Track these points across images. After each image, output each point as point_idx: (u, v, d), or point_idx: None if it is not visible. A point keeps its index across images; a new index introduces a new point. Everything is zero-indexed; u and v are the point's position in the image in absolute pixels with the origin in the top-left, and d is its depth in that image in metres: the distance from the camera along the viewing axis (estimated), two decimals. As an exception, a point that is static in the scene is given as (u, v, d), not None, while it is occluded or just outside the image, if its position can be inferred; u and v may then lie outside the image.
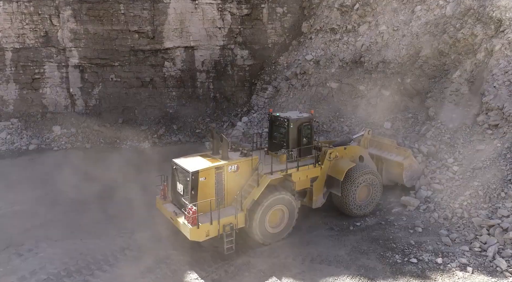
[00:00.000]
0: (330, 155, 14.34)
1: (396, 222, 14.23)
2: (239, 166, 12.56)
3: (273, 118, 14.63)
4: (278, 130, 14.42)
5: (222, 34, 26.48)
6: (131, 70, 25.70)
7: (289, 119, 13.74)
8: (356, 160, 15.00)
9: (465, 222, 13.23)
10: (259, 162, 12.88)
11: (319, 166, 14.08)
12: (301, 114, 14.69)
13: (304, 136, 14.06)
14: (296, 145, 13.94)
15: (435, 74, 19.53)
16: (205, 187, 11.85)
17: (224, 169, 12.20)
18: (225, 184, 12.31)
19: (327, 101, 23.64)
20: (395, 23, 22.20)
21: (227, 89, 27.30)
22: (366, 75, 22.62)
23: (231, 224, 11.89)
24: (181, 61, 26.29)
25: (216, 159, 12.51)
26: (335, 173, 14.14)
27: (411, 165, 15.52)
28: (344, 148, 14.86)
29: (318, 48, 25.26)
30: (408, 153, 15.45)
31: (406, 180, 15.55)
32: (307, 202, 14.40)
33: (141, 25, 24.97)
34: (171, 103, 26.58)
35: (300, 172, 13.58)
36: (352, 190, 14.15)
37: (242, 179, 12.64)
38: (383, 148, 16.21)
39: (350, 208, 14.36)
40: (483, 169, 14.52)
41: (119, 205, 15.87)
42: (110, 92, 25.76)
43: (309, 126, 14.20)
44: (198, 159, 12.71)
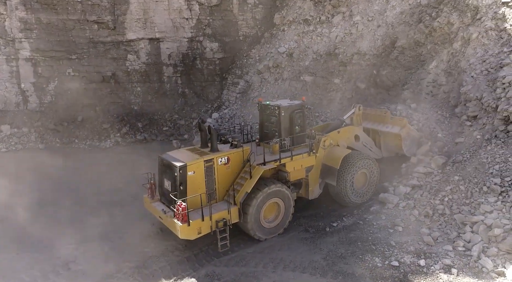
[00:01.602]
0: (325, 143, 13.82)
1: (375, 221, 13.22)
2: (230, 158, 12.08)
3: (263, 107, 14.14)
4: (269, 119, 13.89)
5: (190, 26, 24.90)
6: (91, 64, 23.68)
7: (280, 107, 13.26)
8: (352, 141, 14.69)
9: (447, 219, 12.37)
10: (250, 152, 12.32)
11: (313, 155, 13.53)
12: (292, 101, 14.15)
13: (296, 124, 13.60)
14: (288, 134, 13.48)
15: (411, 65, 18.81)
16: (195, 181, 11.35)
17: (214, 161, 11.72)
18: (216, 178, 11.86)
19: (301, 95, 22.53)
20: (369, 13, 21.38)
21: (196, 84, 25.74)
22: (341, 67, 21.72)
23: (224, 220, 11.35)
24: (145, 54, 24.50)
25: (205, 152, 12.01)
26: (331, 161, 13.74)
27: (409, 134, 14.97)
28: (338, 132, 14.39)
29: (291, 40, 24.16)
30: (404, 122, 14.87)
31: (406, 150, 15.08)
32: (303, 194, 13.89)
33: (101, 14, 23.01)
34: (135, 99, 24.75)
35: (294, 161, 13.03)
36: (350, 178, 13.79)
37: (234, 172, 12.24)
38: (377, 120, 15.64)
39: (349, 197, 13.99)
40: (464, 163, 13.75)
41: (70, 211, 14.14)
42: (68, 88, 23.63)
43: (301, 113, 13.73)
44: (185, 153, 12.25)
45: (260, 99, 14.65)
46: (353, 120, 15.36)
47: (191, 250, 11.76)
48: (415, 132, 15.24)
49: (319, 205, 14.70)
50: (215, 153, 12.01)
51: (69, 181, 17.15)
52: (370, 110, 16.25)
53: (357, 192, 14.23)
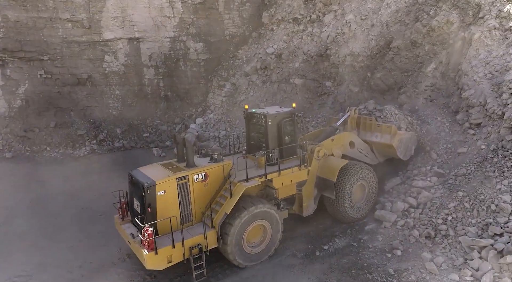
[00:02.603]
0: (318, 154, 12.55)
1: (370, 243, 11.85)
2: (208, 174, 10.85)
3: (249, 116, 12.90)
4: (256, 129, 12.69)
5: (172, 25, 23.34)
6: (64, 65, 21.98)
7: (267, 115, 11.98)
8: (347, 148, 13.61)
9: (451, 241, 11.02)
10: (232, 167, 11.03)
11: (305, 168, 12.20)
12: (281, 109, 12.83)
13: (286, 134, 12.34)
14: (277, 145, 12.25)
15: (408, 67, 17.48)
16: (165, 202, 10.10)
17: (189, 179, 10.47)
18: (191, 197, 10.64)
19: (291, 99, 21.15)
20: (363, 12, 20.03)
21: (180, 87, 24.19)
22: (333, 69, 20.37)
23: (199, 246, 10.10)
24: (124, 54, 22.88)
25: (179, 168, 10.79)
26: (326, 173, 12.48)
27: (401, 140, 13.84)
28: (332, 140, 13.20)
29: (280, 40, 22.74)
30: (393, 129, 13.74)
31: (402, 156, 14.08)
32: (296, 210, 12.56)
33: (74, 12, 21.34)
34: (114, 103, 23.11)
35: (283, 176, 11.70)
36: (348, 191, 12.64)
37: (213, 189, 10.97)
38: (366, 128, 14.54)
39: (348, 212, 12.77)
40: (468, 176, 12.44)
41: (28, 232, 12.53)
42: (40, 91, 21.91)
43: (291, 122, 12.47)
44: (157, 169, 10.95)
45: (246, 106, 13.34)
46: (347, 124, 14.32)
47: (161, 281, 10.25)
48: (406, 134, 14.05)
49: (308, 223, 13.30)
50: (191, 168, 10.68)
51: (33, 196, 15.52)
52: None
53: (355, 206, 13.00)
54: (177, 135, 11.58)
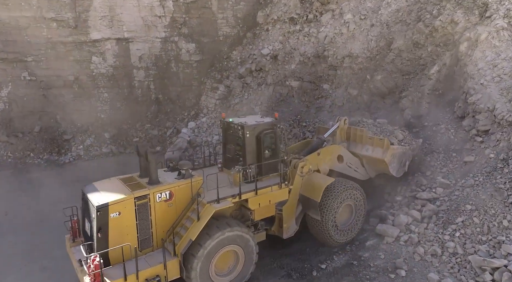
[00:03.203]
0: (302, 170, 11.37)
1: (371, 262, 10.92)
2: (174, 192, 9.53)
3: (225, 125, 11.48)
4: (233, 141, 11.21)
5: (163, 24, 22.37)
6: (50, 67, 20.99)
7: (244, 126, 10.55)
8: (335, 162, 12.47)
9: (460, 260, 10.13)
10: (202, 185, 9.76)
11: (286, 187, 10.91)
12: (262, 119, 11.47)
13: (266, 148, 10.94)
14: (255, 160, 10.82)
15: (409, 70, 16.63)
16: (120, 226, 8.76)
17: (150, 198, 9.18)
18: (153, 219, 9.31)
19: (287, 102, 20.29)
20: (362, 11, 19.15)
21: (171, 89, 23.22)
22: (331, 71, 19.50)
23: (158, 278, 8.76)
24: (113, 56, 21.90)
25: (140, 185, 9.46)
26: (310, 192, 11.31)
27: (394, 155, 12.61)
28: (318, 154, 12.01)
29: (276, 41, 21.82)
30: (386, 143, 12.46)
31: (395, 172, 12.90)
32: (275, 231, 11.40)
33: (60, 11, 20.36)
34: (102, 107, 22.13)
35: (260, 196, 10.36)
36: (332, 213, 11.48)
37: (179, 210, 9.62)
38: (356, 140, 13.23)
39: (332, 236, 11.57)
40: (476, 188, 11.56)
41: None
42: (23, 94, 20.91)
43: (273, 134, 11.02)
44: (114, 185, 9.57)
45: (223, 115, 11.96)
46: (336, 136, 13.02)
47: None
48: (399, 149, 12.77)
49: (304, 237, 12.37)
50: (154, 186, 9.34)
51: (9, 208, 14.49)
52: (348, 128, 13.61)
53: (340, 229, 11.75)
54: (139, 146, 10.10)
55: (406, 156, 13.02)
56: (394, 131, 13.17)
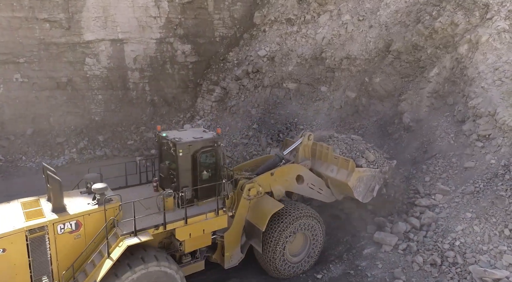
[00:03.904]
0: (249, 192, 10.16)
1: (369, 271, 10.62)
2: (82, 222, 8.11)
3: (160, 140, 10.10)
4: (168, 158, 9.86)
5: (158, 25, 21.98)
6: (42, 68, 20.54)
7: (177, 144, 9.20)
8: (293, 183, 11.19)
9: (460, 271, 9.83)
10: (118, 213, 8.40)
11: (225, 214, 9.63)
12: (202, 134, 10.01)
13: (204, 168, 9.60)
14: (190, 183, 9.48)
15: (409, 72, 16.30)
16: (6, 265, 7.35)
17: (48, 229, 7.74)
18: (54, 255, 7.87)
19: (284, 104, 19.97)
20: (360, 12, 18.81)
21: (167, 91, 22.82)
22: (329, 73, 19.18)
23: None
24: (107, 57, 21.48)
25: (40, 213, 8.04)
26: (256, 219, 10.06)
27: (360, 179, 11.38)
28: (271, 174, 10.71)
29: (273, 42, 21.47)
30: (351, 165, 11.17)
31: (361, 198, 11.67)
32: (217, 259, 10.36)
33: (52, 11, 19.93)
34: (96, 109, 21.70)
35: (192, 226, 9.04)
36: (281, 244, 10.23)
37: (91, 243, 8.17)
38: (322, 158, 11.87)
39: (278, 268, 10.39)
40: (476, 195, 11.25)
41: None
42: (15, 96, 20.45)
43: (213, 153, 9.73)
44: (10, 212, 8.08)
45: (159, 127, 10.57)
46: (298, 153, 11.64)
47: None
48: (367, 172, 11.49)
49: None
50: (56, 215, 7.96)
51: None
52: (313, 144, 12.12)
53: (290, 261, 10.69)
54: (45, 166, 8.73)
55: (376, 180, 11.74)
56: (365, 151, 11.84)
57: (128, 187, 10.29)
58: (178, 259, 9.57)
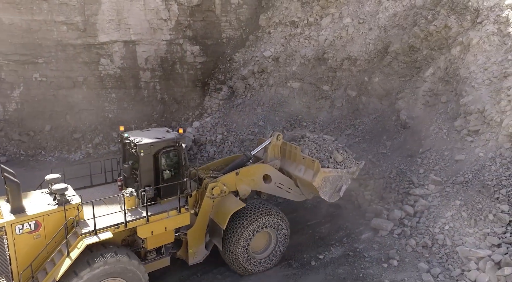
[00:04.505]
0: (213, 191, 10.42)
1: (366, 252, 11.71)
2: (41, 222, 8.22)
3: (123, 140, 10.20)
4: (131, 159, 10.11)
5: (169, 27, 23.10)
6: (59, 68, 21.74)
7: (138, 145, 9.45)
8: (260, 183, 11.35)
9: (449, 251, 10.91)
10: (78, 213, 8.59)
11: (187, 212, 9.90)
12: (164, 134, 10.17)
13: (165, 168, 9.86)
14: (152, 182, 9.72)
15: (406, 72, 17.34)
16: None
17: (6, 230, 7.93)
18: (13, 255, 8.09)
19: (288, 102, 21.04)
20: (360, 15, 19.87)
21: (176, 90, 23.97)
22: (330, 73, 20.23)
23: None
24: (120, 57, 22.65)
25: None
26: (218, 217, 10.33)
27: (326, 179, 11.54)
28: (236, 174, 10.86)
29: (278, 44, 22.55)
30: (316, 166, 11.24)
31: (328, 197, 11.91)
32: (182, 255, 10.66)
33: (69, 15, 21.11)
34: (110, 107, 22.88)
35: (153, 224, 9.29)
36: (243, 242, 10.47)
37: (52, 242, 8.36)
38: (291, 158, 12.01)
39: (242, 265, 10.67)
40: (465, 184, 12.31)
41: None
42: (34, 94, 21.68)
43: (175, 153, 9.93)
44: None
45: (121, 128, 10.63)
46: (267, 153, 11.69)
47: None
48: (333, 172, 11.63)
49: (303, 231, 13.16)
50: (14, 216, 8.09)
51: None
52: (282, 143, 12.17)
53: (254, 258, 10.92)
54: (2, 167, 8.79)
55: (343, 180, 11.95)
56: (333, 152, 11.99)
57: (93, 187, 10.57)
58: (143, 255, 9.86)
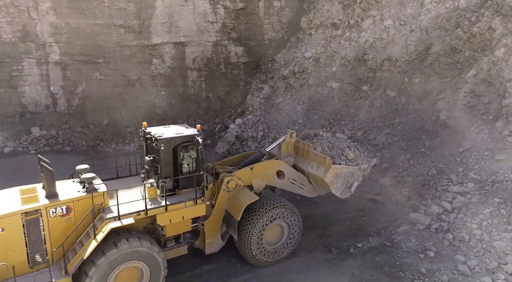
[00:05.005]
0: (228, 185, 11.01)
1: (403, 244, 12.35)
2: (72, 207, 9.09)
3: (145, 135, 10.97)
4: (153, 152, 10.80)
5: (215, 29, 24.60)
6: (117, 68, 23.87)
7: (158, 139, 10.16)
8: (273, 178, 11.88)
9: (486, 246, 11.34)
10: (104, 200, 9.40)
11: (203, 203, 10.53)
12: (183, 130, 10.84)
13: (183, 162, 10.51)
14: (171, 174, 10.41)
15: (447, 73, 17.59)
16: (5, 242, 8.45)
17: (42, 213, 8.78)
18: (47, 235, 8.91)
19: (327, 102, 21.81)
20: (402, 17, 20.25)
21: (220, 89, 25.43)
22: (370, 74, 20.77)
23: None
24: (170, 58, 24.44)
25: (35, 198, 9.08)
26: (233, 209, 10.86)
27: (337, 175, 11.88)
28: (251, 169, 11.43)
29: (318, 45, 23.36)
30: (328, 162, 11.57)
31: (339, 193, 12.27)
32: (199, 245, 11.31)
33: (127, 19, 23.14)
34: (159, 103, 24.75)
35: (172, 213, 9.98)
36: (256, 233, 10.95)
37: (81, 226, 9.19)
38: (304, 155, 12.44)
39: (255, 256, 11.14)
40: (505, 183, 12.62)
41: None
42: (94, 91, 23.96)
43: (193, 148, 10.55)
44: (9, 197, 9.19)
45: (144, 124, 11.21)
46: (281, 150, 12.24)
47: None
48: (344, 169, 11.93)
49: (341, 222, 13.98)
50: (48, 201, 8.97)
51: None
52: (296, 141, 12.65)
53: (267, 250, 11.34)
54: (40, 157, 9.64)
55: (354, 177, 12.29)
56: (345, 149, 12.32)
57: (118, 178, 11.43)
58: (163, 243, 10.52)
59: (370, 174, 16.16)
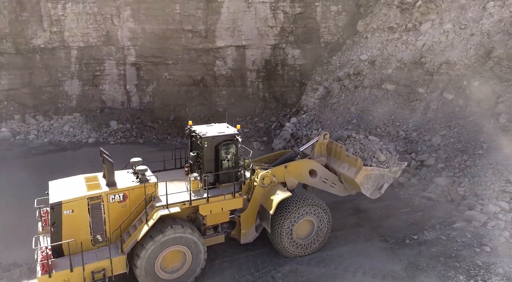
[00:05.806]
0: (263, 181, 11.83)
1: (459, 238, 13.00)
2: (127, 195, 10.28)
3: (190, 132, 12.03)
4: (196, 148, 11.90)
5: (274, 33, 26.17)
6: (184, 69, 26.27)
7: (203, 137, 11.13)
8: (306, 177, 12.62)
9: (545, 245, 11.72)
10: (155, 190, 10.55)
11: (240, 197, 11.52)
12: (224, 129, 11.78)
13: (224, 158, 11.45)
14: (213, 169, 11.40)
15: (508, 77, 17.67)
16: (74, 222, 9.72)
17: (103, 199, 10.03)
18: (106, 218, 10.17)
19: (382, 103, 22.44)
20: (462, 21, 20.44)
21: (277, 89, 26.96)
22: (427, 76, 21.13)
23: (103, 270, 9.67)
24: (232, 60, 26.41)
25: (98, 186, 10.33)
26: (267, 203, 11.68)
27: (368, 177, 12.45)
28: (285, 167, 12.23)
29: (374, 48, 24.05)
30: (359, 164, 12.19)
31: (369, 194, 12.85)
32: (235, 235, 12.24)
33: (195, 24, 25.41)
34: (220, 102, 26.82)
35: (212, 204, 11.04)
36: (288, 226, 11.76)
37: (134, 211, 10.41)
38: (336, 156, 13.12)
39: (286, 247, 11.93)
40: None
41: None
42: (163, 90, 26.56)
43: (232, 146, 11.47)
44: (76, 184, 10.46)
45: (190, 123, 12.19)
46: (314, 150, 12.93)
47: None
48: (375, 170, 12.44)
49: (396, 216, 14.82)
50: (108, 188, 10.19)
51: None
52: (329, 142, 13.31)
53: (297, 243, 12.05)
54: (101, 150, 10.80)
55: (385, 179, 12.79)
56: (376, 152, 12.79)
57: (165, 171, 12.57)
58: (203, 231, 11.54)
59: (425, 174, 16.91)
